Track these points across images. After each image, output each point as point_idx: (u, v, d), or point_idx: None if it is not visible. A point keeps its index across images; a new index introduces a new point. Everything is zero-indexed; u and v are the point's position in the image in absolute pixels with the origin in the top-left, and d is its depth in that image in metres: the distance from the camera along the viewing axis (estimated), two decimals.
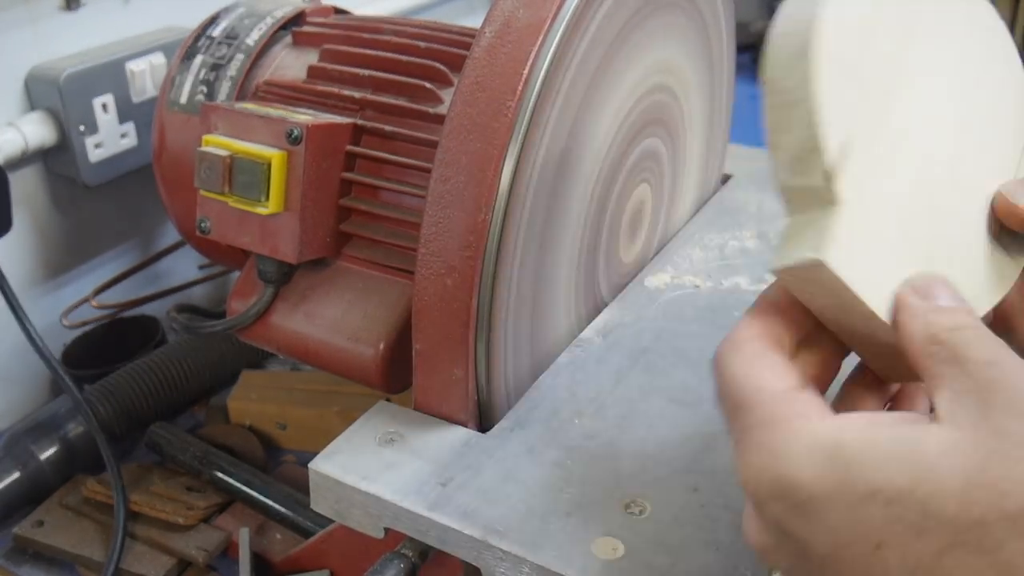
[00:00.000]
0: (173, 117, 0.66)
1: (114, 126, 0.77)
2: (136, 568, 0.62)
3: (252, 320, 0.59)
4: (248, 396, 0.76)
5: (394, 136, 0.57)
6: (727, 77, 0.73)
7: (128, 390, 0.73)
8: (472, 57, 0.48)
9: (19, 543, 0.65)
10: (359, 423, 0.51)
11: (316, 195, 0.56)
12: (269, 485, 0.67)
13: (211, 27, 0.68)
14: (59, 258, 0.82)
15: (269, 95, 0.63)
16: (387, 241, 0.57)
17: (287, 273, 0.59)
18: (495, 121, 0.47)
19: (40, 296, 0.80)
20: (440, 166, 0.48)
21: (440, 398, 0.51)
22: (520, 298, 0.52)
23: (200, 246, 0.70)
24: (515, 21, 0.48)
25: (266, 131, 0.55)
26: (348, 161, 0.57)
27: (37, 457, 0.68)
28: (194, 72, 0.66)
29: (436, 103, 0.58)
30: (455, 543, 0.44)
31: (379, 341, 0.56)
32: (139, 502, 0.65)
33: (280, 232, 0.56)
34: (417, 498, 0.46)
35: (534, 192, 0.50)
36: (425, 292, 0.49)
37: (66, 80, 0.73)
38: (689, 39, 0.64)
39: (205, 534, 0.64)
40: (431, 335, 0.49)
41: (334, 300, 0.58)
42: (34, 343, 0.67)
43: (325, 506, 0.49)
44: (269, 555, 0.63)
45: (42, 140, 0.74)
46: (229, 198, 0.56)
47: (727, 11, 0.69)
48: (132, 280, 0.83)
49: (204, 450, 0.69)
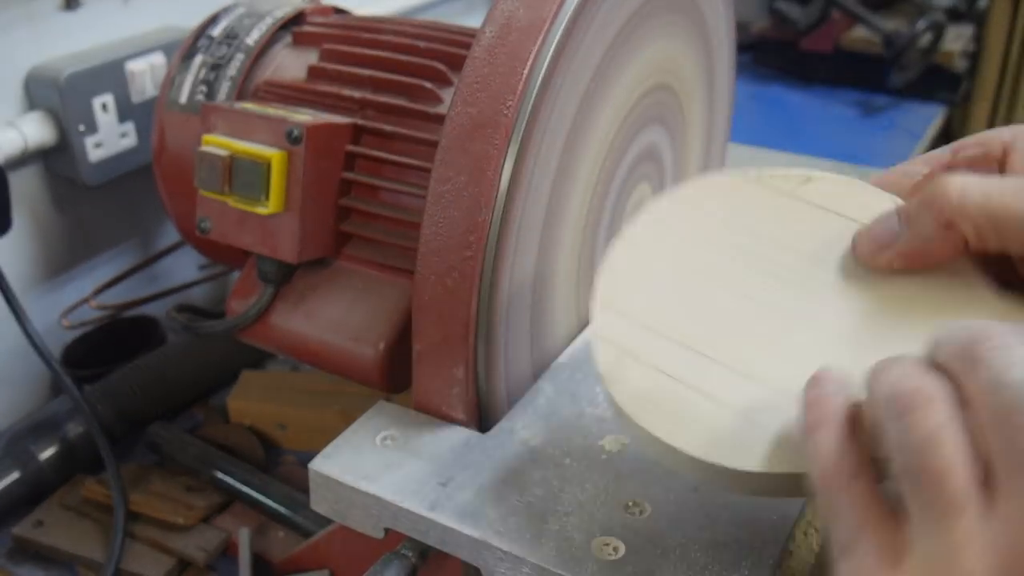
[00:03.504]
0: (173, 117, 0.66)
1: (114, 126, 0.77)
2: (136, 568, 0.62)
3: (252, 320, 0.59)
4: (248, 396, 0.76)
5: (394, 136, 0.57)
6: (727, 77, 0.73)
7: (128, 390, 0.73)
8: (472, 57, 0.48)
9: (19, 543, 0.65)
10: (359, 423, 0.51)
11: (316, 195, 0.56)
12: (269, 485, 0.67)
13: (211, 27, 0.68)
14: (59, 258, 0.82)
15: (269, 95, 0.63)
16: (387, 241, 0.57)
17: (287, 273, 0.59)
18: (495, 121, 0.47)
19: (40, 296, 0.80)
20: (440, 166, 0.48)
21: (440, 398, 0.51)
22: (520, 298, 0.52)
23: (200, 246, 0.70)
24: (515, 21, 0.48)
25: (266, 131, 0.55)
26: (348, 161, 0.57)
27: (37, 457, 0.68)
28: (194, 72, 0.66)
29: (436, 103, 0.58)
30: (455, 543, 0.44)
31: (379, 341, 0.56)
32: (139, 502, 0.65)
33: (280, 232, 0.56)
34: (417, 498, 0.46)
35: (534, 192, 0.50)
36: (425, 292, 0.49)
37: (66, 80, 0.73)
38: (689, 39, 0.64)
39: (205, 534, 0.64)
40: (431, 335, 0.49)
41: (334, 300, 0.58)
42: (34, 343, 0.67)
43: (325, 506, 0.49)
44: (269, 555, 0.63)
45: (42, 140, 0.74)
46: (229, 198, 0.56)
47: (727, 11, 0.69)
48: (132, 280, 0.83)
49: (204, 450, 0.69)
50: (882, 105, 1.45)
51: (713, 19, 0.67)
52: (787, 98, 1.50)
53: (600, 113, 0.54)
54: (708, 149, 0.74)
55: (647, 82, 0.59)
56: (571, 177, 0.53)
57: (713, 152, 0.75)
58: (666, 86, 0.62)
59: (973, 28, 1.51)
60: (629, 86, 0.57)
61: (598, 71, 0.53)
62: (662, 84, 0.61)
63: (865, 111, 1.43)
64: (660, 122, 0.63)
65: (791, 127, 1.40)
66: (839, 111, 1.44)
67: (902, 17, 1.49)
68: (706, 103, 0.70)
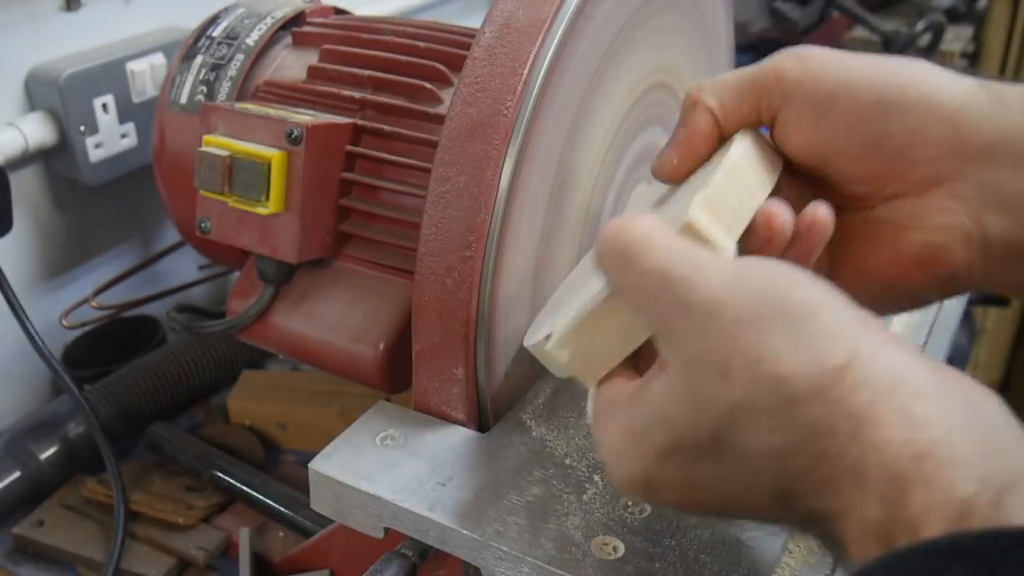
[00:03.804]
0: (173, 117, 0.66)
1: (114, 126, 0.77)
2: (136, 568, 0.62)
3: (252, 320, 0.59)
4: (248, 396, 0.76)
5: (394, 136, 0.57)
6: None
7: (128, 390, 0.73)
8: (472, 57, 0.48)
9: (19, 543, 0.65)
10: (359, 423, 0.51)
11: (316, 195, 0.56)
12: (269, 485, 0.67)
13: (211, 27, 0.68)
14: (59, 258, 0.82)
15: (269, 95, 0.63)
16: (387, 241, 0.57)
17: (287, 273, 0.59)
18: (495, 121, 0.47)
19: (40, 296, 0.80)
20: (440, 166, 0.48)
21: (440, 398, 0.51)
22: (520, 298, 0.52)
23: (200, 246, 0.70)
24: (515, 21, 0.48)
25: (266, 131, 0.55)
26: (348, 161, 0.58)
27: (37, 457, 0.68)
28: (194, 72, 0.66)
29: (436, 103, 0.58)
30: (455, 543, 0.44)
31: (379, 341, 0.56)
32: (139, 502, 0.65)
33: (280, 232, 0.56)
34: (417, 498, 0.46)
35: (534, 192, 0.50)
36: (425, 292, 0.49)
37: (66, 80, 0.73)
38: (689, 39, 0.64)
39: (205, 534, 0.64)
40: (431, 335, 0.49)
41: (334, 300, 0.58)
42: (34, 343, 0.67)
43: (325, 506, 0.49)
44: (269, 555, 0.63)
45: (42, 140, 0.74)
46: (229, 198, 0.56)
47: (727, 11, 0.69)
48: (132, 280, 0.83)
49: (204, 450, 0.69)
50: None
51: (713, 20, 0.67)
52: None
53: (600, 113, 0.55)
54: None
55: (646, 82, 0.59)
56: (571, 177, 0.53)
57: None
58: (666, 86, 0.62)
59: (972, 28, 1.51)
60: (629, 86, 0.57)
61: (598, 71, 0.53)
62: (662, 84, 0.61)
63: None
64: (660, 122, 0.63)
65: None
66: None
67: (901, 18, 1.49)
68: None
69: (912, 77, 0.40)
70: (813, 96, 0.41)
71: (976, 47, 1.49)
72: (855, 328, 0.32)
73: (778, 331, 0.31)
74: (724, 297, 0.32)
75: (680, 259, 0.34)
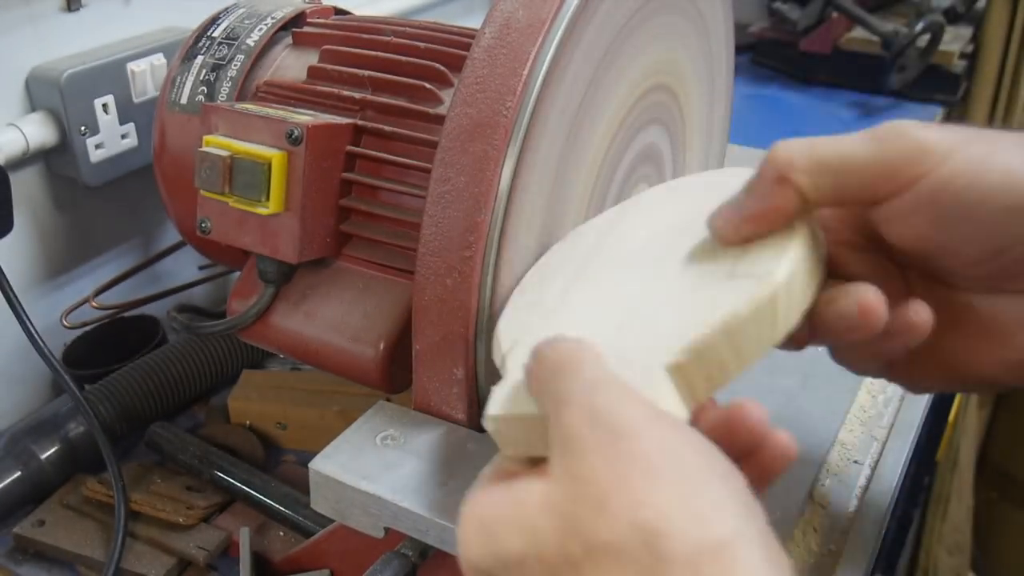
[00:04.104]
0: (173, 117, 0.66)
1: (115, 126, 0.77)
2: (136, 568, 0.62)
3: (252, 320, 0.59)
4: (248, 396, 0.76)
5: (394, 136, 0.57)
6: (727, 77, 0.73)
7: (128, 390, 0.73)
8: (472, 57, 0.49)
9: (19, 542, 0.65)
10: (359, 423, 0.51)
11: (316, 195, 0.56)
12: (269, 485, 0.67)
13: (211, 28, 0.68)
14: (60, 258, 0.82)
15: (269, 95, 0.63)
16: (387, 241, 0.57)
17: (287, 273, 0.59)
18: (495, 121, 0.47)
19: (41, 296, 0.80)
20: (440, 166, 0.48)
21: (440, 398, 0.51)
22: None
23: (200, 246, 0.70)
24: (515, 21, 0.48)
25: (266, 131, 0.55)
26: (348, 161, 0.58)
27: (38, 456, 0.68)
28: (195, 73, 0.66)
29: (436, 103, 0.58)
30: (455, 542, 0.44)
31: (379, 341, 0.56)
32: (139, 502, 0.65)
33: (280, 232, 0.56)
34: (417, 498, 0.46)
35: (534, 192, 0.50)
36: (425, 292, 0.49)
37: (67, 81, 0.73)
38: (689, 39, 0.64)
39: (205, 534, 0.64)
40: (431, 335, 0.50)
41: (334, 300, 0.58)
42: (35, 343, 0.67)
43: (325, 506, 0.49)
44: (269, 555, 0.63)
45: (43, 140, 0.74)
46: (229, 198, 0.56)
47: (727, 12, 0.69)
48: (132, 280, 0.83)
49: (204, 450, 0.69)
50: (881, 106, 1.45)
51: (712, 20, 0.67)
52: (786, 99, 1.50)
53: (600, 113, 0.55)
54: (707, 150, 0.74)
55: (646, 83, 0.59)
56: (571, 177, 0.53)
57: (712, 152, 0.75)
58: (665, 87, 0.62)
59: (971, 29, 1.51)
60: (629, 86, 0.57)
61: (597, 72, 0.53)
62: (661, 85, 0.62)
63: (864, 112, 1.43)
64: (659, 123, 0.63)
65: (790, 128, 1.40)
66: (838, 112, 1.44)
67: (900, 18, 1.49)
68: (705, 104, 0.70)
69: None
70: (937, 199, 0.36)
71: (975, 48, 1.49)
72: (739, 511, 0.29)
73: (675, 487, 0.29)
74: (642, 430, 0.30)
75: (618, 390, 0.32)
